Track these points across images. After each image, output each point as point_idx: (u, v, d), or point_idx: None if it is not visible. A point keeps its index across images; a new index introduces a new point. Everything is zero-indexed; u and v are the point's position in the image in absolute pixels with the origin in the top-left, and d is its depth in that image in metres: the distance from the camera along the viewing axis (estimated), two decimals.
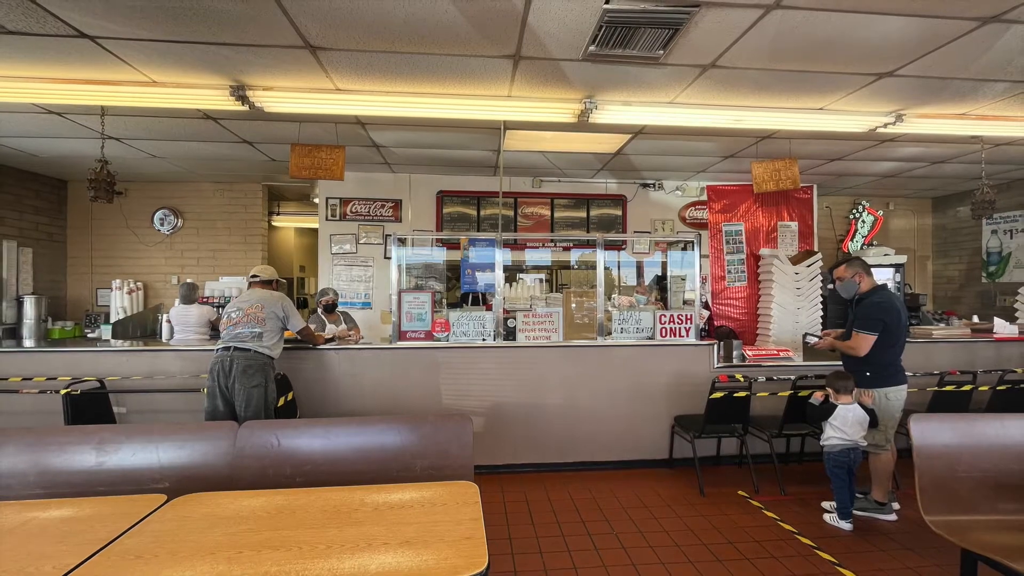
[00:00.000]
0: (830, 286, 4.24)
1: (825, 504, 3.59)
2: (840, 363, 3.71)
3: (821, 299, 6.07)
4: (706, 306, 6.34)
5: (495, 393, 4.30)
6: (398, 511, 1.72)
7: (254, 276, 3.92)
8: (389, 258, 6.26)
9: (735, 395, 3.85)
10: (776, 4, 2.75)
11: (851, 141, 5.19)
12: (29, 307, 5.88)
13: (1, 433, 2.20)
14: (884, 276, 6.71)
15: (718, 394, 3.83)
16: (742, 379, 4.04)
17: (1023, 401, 4.19)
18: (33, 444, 2.17)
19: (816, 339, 3.86)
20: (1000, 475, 2.41)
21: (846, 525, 3.32)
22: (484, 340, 4.37)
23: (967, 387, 4.15)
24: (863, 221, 7.71)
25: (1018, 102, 4.07)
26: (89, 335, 6.30)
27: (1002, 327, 5.04)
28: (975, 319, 6.06)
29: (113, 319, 6.21)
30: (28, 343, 5.30)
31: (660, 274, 6.75)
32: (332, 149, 4.56)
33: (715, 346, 4.49)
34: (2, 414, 4.05)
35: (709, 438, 4.20)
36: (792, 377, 4.05)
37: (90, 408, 3.68)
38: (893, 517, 3.43)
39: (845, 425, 3.30)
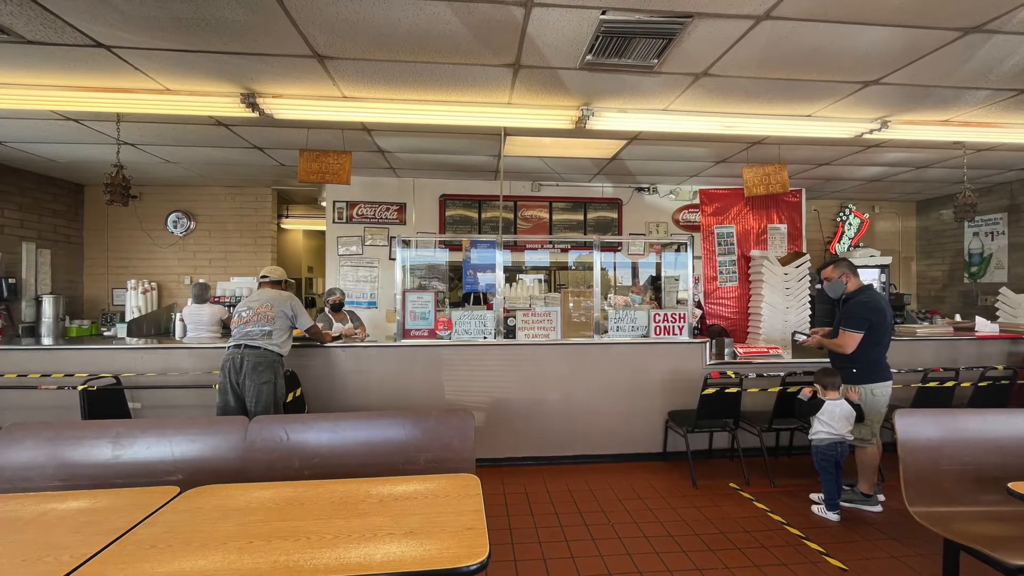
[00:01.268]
0: (818, 286, 4.34)
1: (813, 496, 3.66)
2: (828, 360, 3.78)
3: (809, 299, 6.14)
4: (699, 305, 6.44)
5: (496, 389, 4.39)
6: (402, 503, 1.74)
7: (264, 276, 3.99)
8: (394, 259, 6.31)
9: (726, 391, 3.93)
10: (766, 15, 2.80)
11: (838, 147, 5.23)
12: (47, 306, 5.95)
13: (21, 427, 2.23)
14: (870, 276, 6.75)
15: (710, 390, 3.90)
16: (733, 376, 4.13)
17: (1003, 397, 4.29)
18: (52, 438, 2.20)
19: (805, 337, 3.92)
20: (981, 468, 2.46)
21: (833, 516, 3.39)
22: (485, 338, 4.46)
23: (950, 383, 4.22)
24: (850, 223, 7.78)
25: (999, 109, 4.13)
26: (105, 333, 6.35)
27: (983, 326, 5.11)
28: (958, 318, 6.17)
29: (128, 318, 6.27)
30: (46, 341, 5.32)
31: (654, 274, 6.86)
32: (339, 154, 4.64)
33: (707, 344, 4.56)
34: (22, 409, 4.14)
35: (701, 432, 4.29)
36: (781, 374, 4.13)
37: (106, 403, 3.76)
38: (878, 508, 3.50)
39: (832, 420, 3.37)
